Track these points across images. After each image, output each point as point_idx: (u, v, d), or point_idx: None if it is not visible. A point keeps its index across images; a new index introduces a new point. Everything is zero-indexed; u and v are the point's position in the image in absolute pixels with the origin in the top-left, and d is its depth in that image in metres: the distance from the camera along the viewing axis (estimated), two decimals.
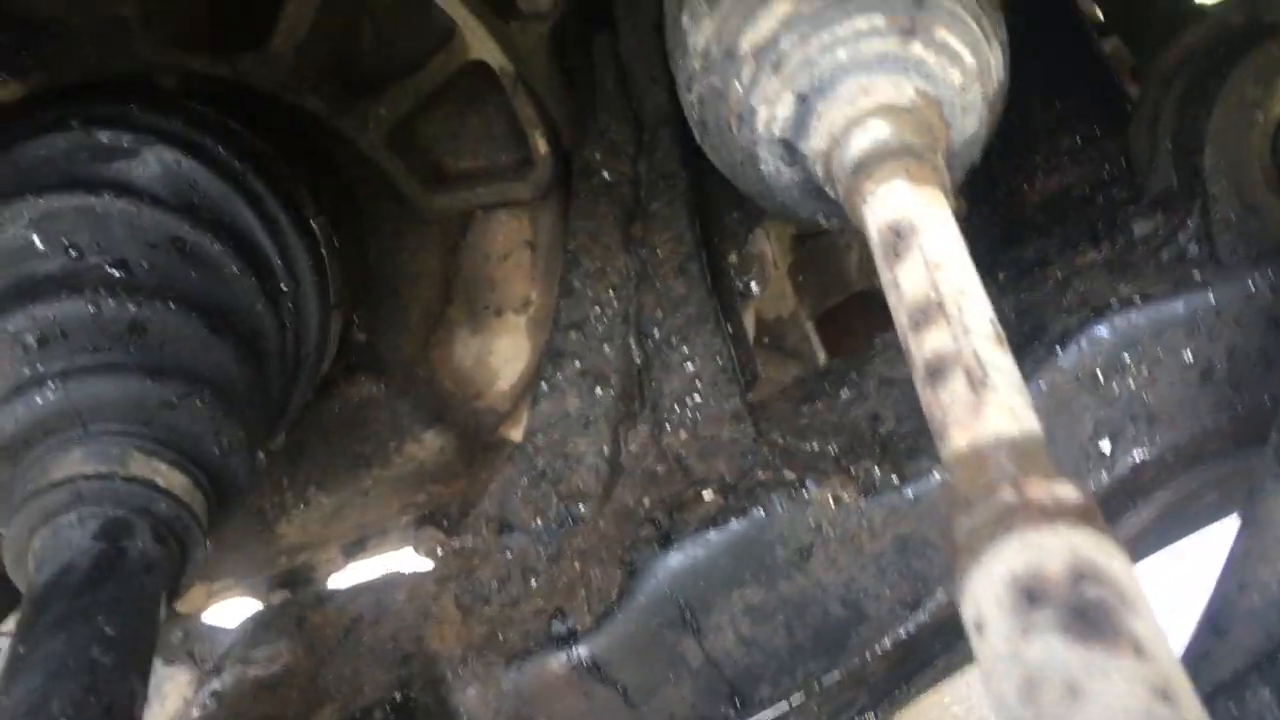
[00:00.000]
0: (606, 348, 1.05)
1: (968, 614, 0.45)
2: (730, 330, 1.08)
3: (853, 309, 1.92)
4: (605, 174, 1.15)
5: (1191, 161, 0.90)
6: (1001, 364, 0.52)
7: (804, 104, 0.68)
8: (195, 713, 0.92)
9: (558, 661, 0.89)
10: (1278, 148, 0.85)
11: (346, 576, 1.42)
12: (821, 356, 1.71)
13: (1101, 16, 1.24)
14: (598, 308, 1.07)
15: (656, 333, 1.05)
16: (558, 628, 0.90)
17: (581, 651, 0.89)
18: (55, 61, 0.95)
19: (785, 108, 0.68)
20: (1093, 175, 1.08)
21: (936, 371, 0.53)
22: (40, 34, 0.94)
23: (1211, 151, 0.86)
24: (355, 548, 1.38)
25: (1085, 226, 1.00)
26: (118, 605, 0.71)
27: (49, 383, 0.78)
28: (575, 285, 1.09)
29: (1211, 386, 0.89)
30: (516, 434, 1.33)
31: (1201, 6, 1.05)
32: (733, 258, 1.34)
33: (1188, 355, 0.89)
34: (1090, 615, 0.41)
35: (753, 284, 1.46)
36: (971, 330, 0.53)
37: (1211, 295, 0.88)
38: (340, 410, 1.22)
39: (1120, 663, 0.39)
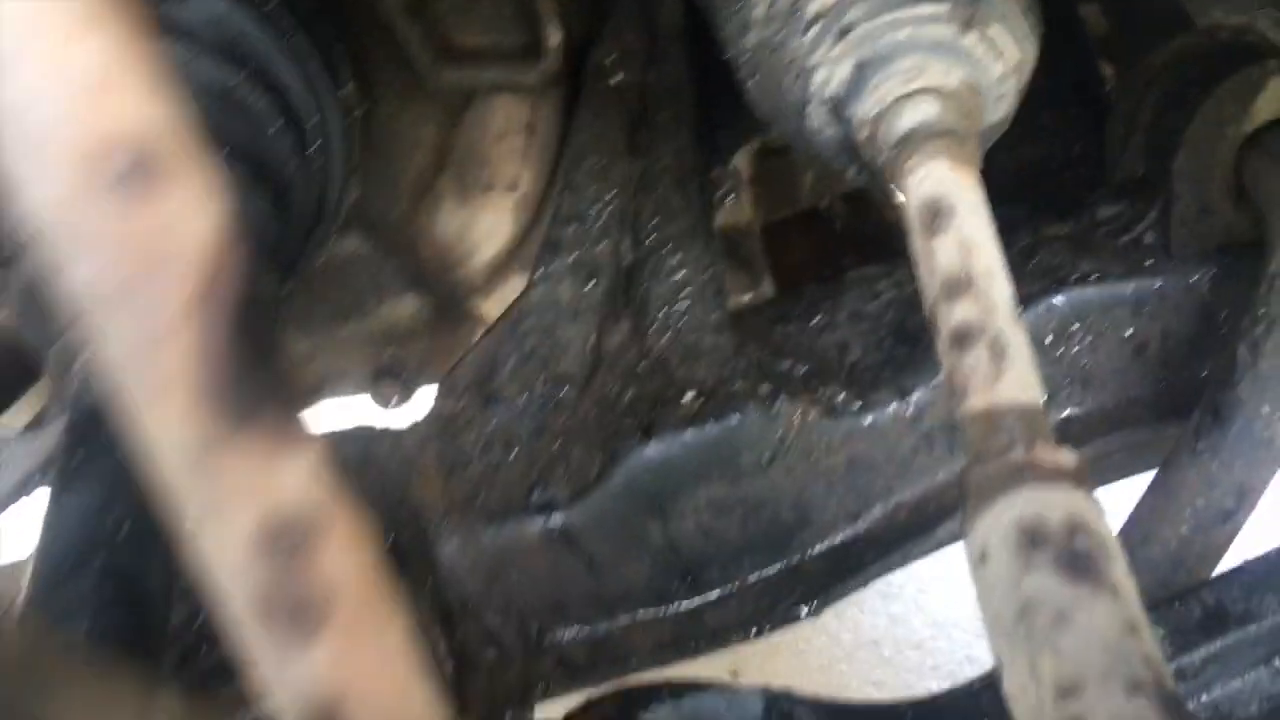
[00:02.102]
0: (602, 244, 1.12)
1: (973, 546, 0.55)
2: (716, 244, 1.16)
3: (796, 224, 2.01)
4: (616, 77, 1.20)
5: (1162, 160, 0.99)
6: (1019, 341, 0.61)
7: (861, 72, 0.75)
8: None
9: (534, 526, 0.98)
10: (1240, 162, 0.95)
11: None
12: (766, 268, 1.80)
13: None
14: (597, 205, 1.14)
15: (650, 239, 1.12)
16: (537, 497, 0.99)
17: (556, 520, 0.98)
18: None
19: (843, 71, 0.75)
20: (1065, 151, 1.17)
21: (963, 339, 0.62)
22: None
23: (1183, 156, 0.96)
24: (313, 391, 1.44)
25: (1054, 200, 1.10)
26: None
27: None
28: (578, 180, 1.15)
29: (1143, 362, 1.01)
30: (486, 307, 1.40)
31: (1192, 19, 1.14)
32: (714, 172, 1.42)
33: (1128, 331, 1.00)
34: (1080, 561, 0.51)
35: (727, 199, 1.54)
36: (997, 308, 0.62)
37: (1159, 282, 0.99)
38: (327, 262, 1.26)
39: (1101, 600, 0.50)
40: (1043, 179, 1.15)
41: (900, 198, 0.72)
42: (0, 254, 0.86)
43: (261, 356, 0.26)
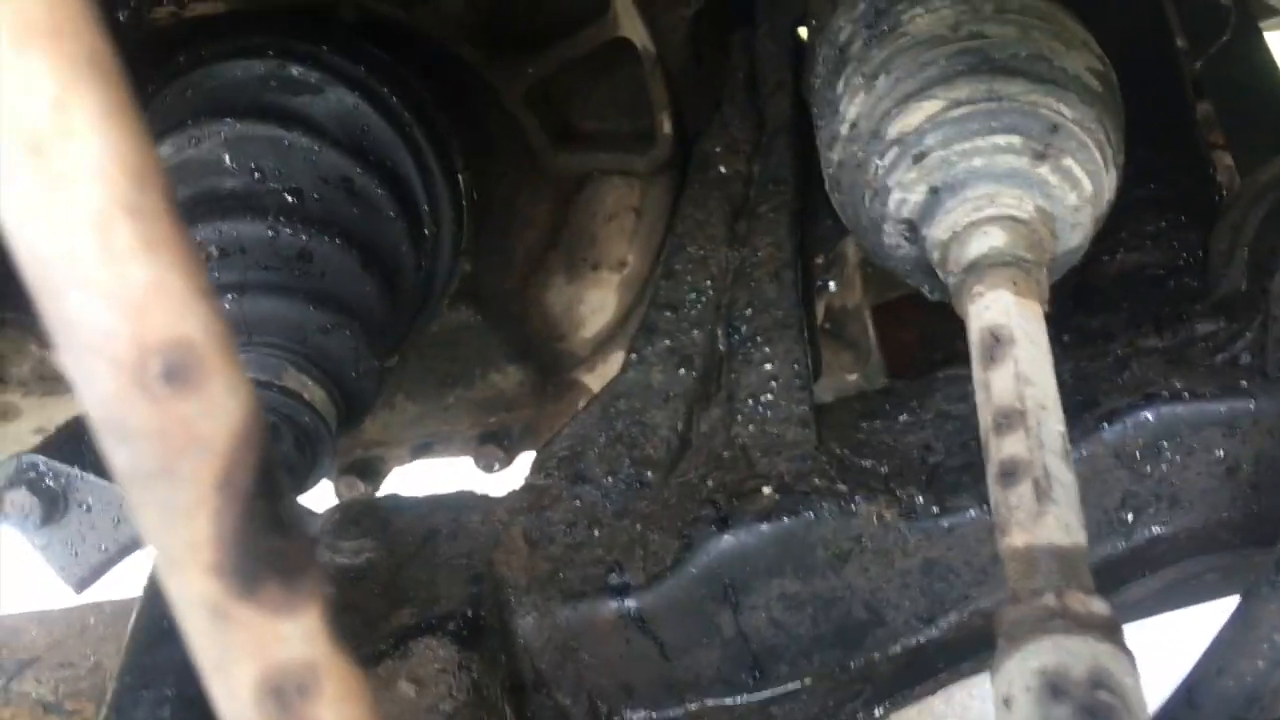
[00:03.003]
0: (696, 332, 1.15)
1: (999, 688, 0.56)
2: (808, 330, 1.18)
3: (906, 305, 2.01)
4: (721, 168, 1.24)
5: (1263, 278, 0.98)
6: (1066, 480, 0.62)
7: (935, 196, 0.77)
8: None
9: (608, 608, 1.01)
10: None
11: (408, 472, 1.54)
12: (875, 348, 1.81)
13: (1215, 114, 1.30)
14: (694, 293, 1.17)
15: (744, 328, 1.15)
16: (614, 579, 1.02)
17: (631, 604, 1.01)
18: None
19: (918, 195, 0.77)
20: (1169, 260, 1.16)
21: (1010, 474, 0.63)
22: None
23: None
24: (423, 449, 1.51)
25: (1152, 310, 1.08)
26: None
27: (227, 294, 0.89)
28: (677, 268, 1.19)
29: (1234, 484, 0.99)
30: (589, 379, 1.44)
31: None
32: (820, 259, 1.44)
33: (1220, 452, 0.98)
34: (1100, 716, 0.52)
35: (831, 282, 1.56)
36: (1046, 445, 0.63)
37: (1253, 404, 0.97)
38: (438, 332, 1.33)
39: None
40: (1144, 287, 1.14)
41: (969, 324, 0.73)
42: None
43: (272, 531, 0.30)
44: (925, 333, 1.96)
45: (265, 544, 0.30)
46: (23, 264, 0.28)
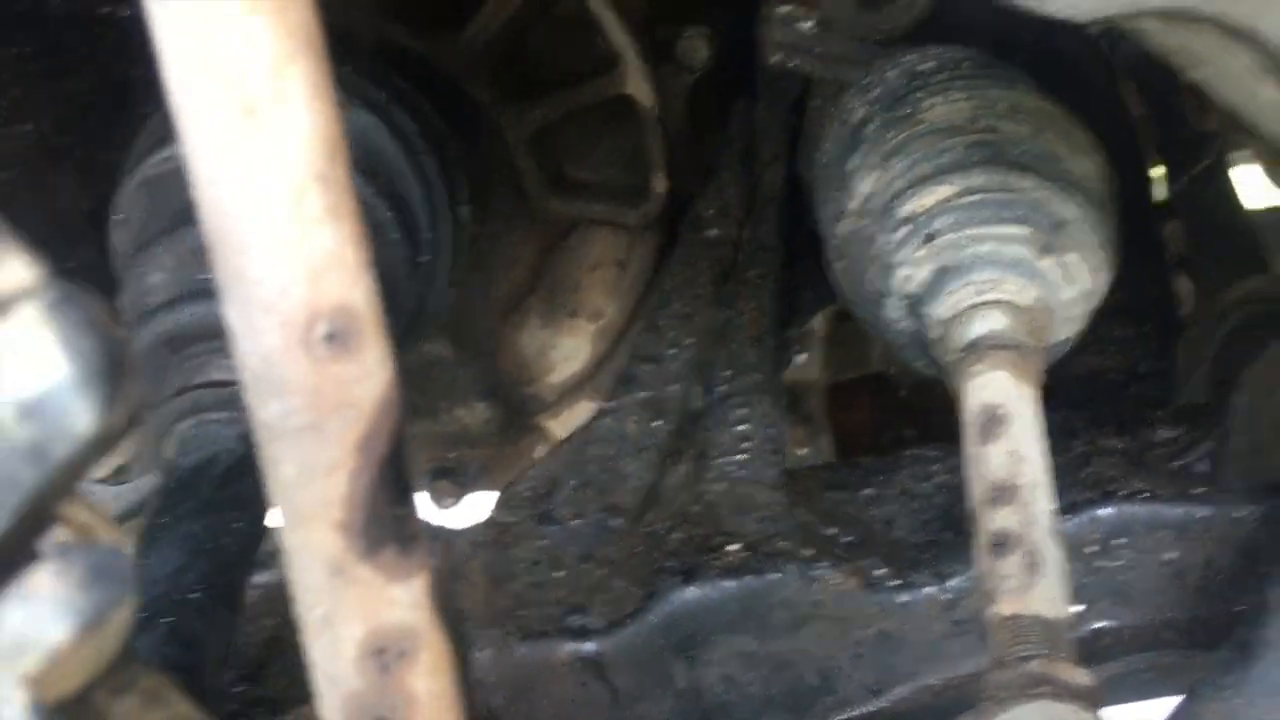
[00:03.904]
0: (674, 387, 1.17)
1: None
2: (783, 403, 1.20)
3: (861, 387, 2.05)
4: (713, 231, 1.27)
5: (1223, 393, 1.03)
6: (1054, 555, 0.65)
7: (940, 276, 0.80)
8: None
9: (566, 650, 1.01)
10: None
11: None
12: (826, 427, 1.84)
13: (1181, 233, 1.37)
14: (674, 349, 1.19)
15: (721, 388, 1.17)
16: (574, 621, 1.03)
17: (589, 647, 1.01)
18: None
19: (924, 273, 0.81)
20: (1130, 366, 1.21)
21: (1000, 545, 0.65)
22: None
23: (1241, 395, 0.99)
24: None
25: (1113, 413, 1.13)
26: (248, 503, 0.82)
27: None
28: (661, 323, 1.21)
29: (1181, 587, 1.03)
30: (552, 425, 1.45)
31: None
32: (792, 330, 1.47)
33: (1170, 555, 1.03)
34: None
35: (799, 356, 1.59)
36: (1037, 521, 0.66)
37: (1205, 511, 1.02)
38: (411, 361, 1.33)
39: None
40: (1106, 391, 1.18)
41: (966, 402, 0.76)
42: (125, 320, 0.93)
43: (397, 498, 0.31)
44: (875, 416, 2.00)
45: (391, 509, 0.31)
46: (209, 216, 0.29)
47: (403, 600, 0.32)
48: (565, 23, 1.28)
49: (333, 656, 0.32)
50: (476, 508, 1.38)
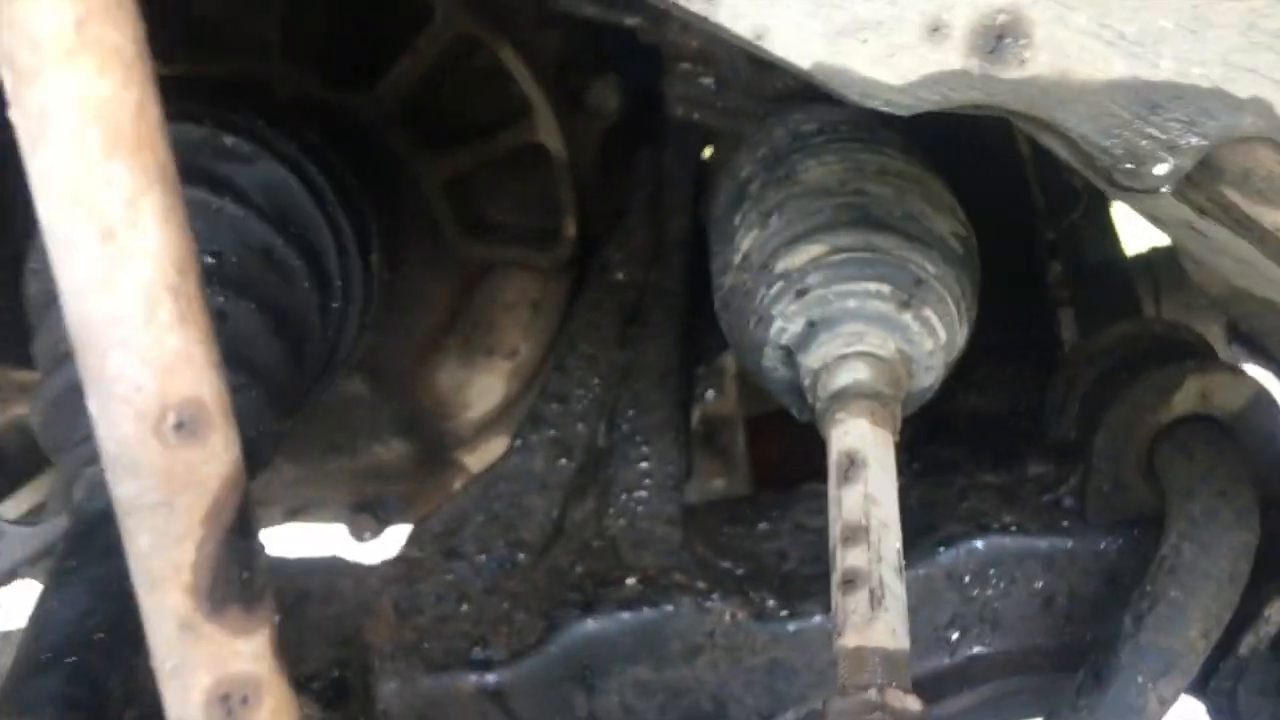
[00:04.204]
0: (580, 425, 1.22)
1: None
2: (684, 435, 1.26)
3: (775, 421, 2.12)
4: (619, 275, 1.33)
5: (1088, 432, 1.10)
6: (898, 591, 0.71)
7: (811, 329, 0.86)
8: None
9: (469, 681, 1.06)
10: (1154, 447, 1.05)
11: (279, 534, 1.56)
12: (744, 458, 1.90)
13: (1063, 274, 1.45)
14: (582, 389, 1.24)
15: (625, 427, 1.22)
16: (477, 654, 1.07)
17: (491, 678, 1.06)
18: (199, 59, 1.10)
19: (796, 326, 0.87)
20: (1012, 404, 1.28)
21: (850, 582, 0.71)
22: (196, 32, 1.09)
23: (1103, 434, 1.06)
24: (295, 512, 1.53)
25: (992, 448, 1.20)
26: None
27: None
28: (568, 363, 1.26)
29: (1049, 614, 1.10)
30: (469, 459, 1.49)
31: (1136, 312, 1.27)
32: (700, 369, 1.53)
33: (1038, 584, 1.09)
34: None
35: (709, 392, 1.65)
36: (884, 559, 0.72)
37: (1071, 543, 1.09)
38: (329, 399, 1.37)
39: None
40: (988, 426, 1.25)
41: (829, 447, 0.82)
42: (38, 366, 0.96)
43: (243, 562, 0.36)
44: (791, 449, 2.06)
45: (235, 573, 0.36)
46: (74, 325, 0.34)
47: (245, 652, 0.37)
48: (478, 74, 1.34)
49: (182, 703, 0.37)
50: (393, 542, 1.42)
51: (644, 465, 1.19)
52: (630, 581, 1.10)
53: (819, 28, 0.56)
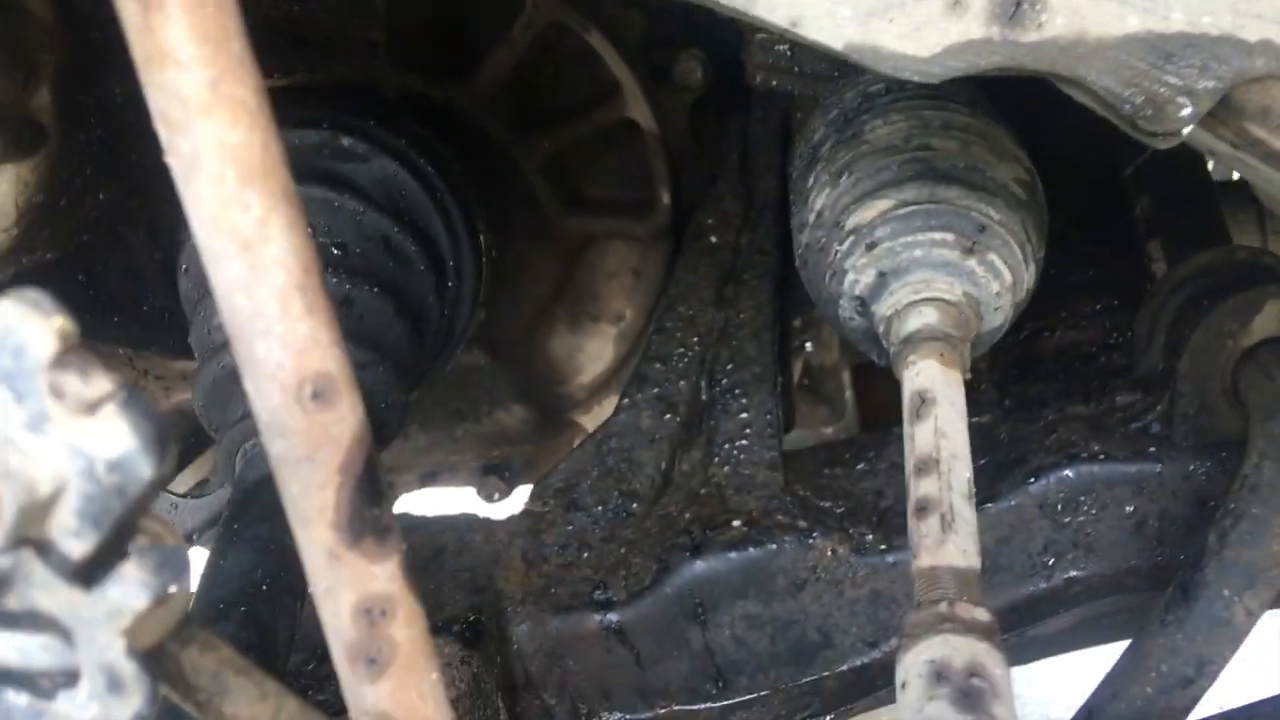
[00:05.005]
0: (682, 383, 1.30)
1: (899, 675, 0.71)
2: (782, 385, 1.33)
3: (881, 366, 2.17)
4: (713, 238, 1.40)
5: (1173, 360, 1.13)
6: (967, 515, 0.77)
7: (882, 279, 0.92)
8: None
9: (593, 621, 1.15)
10: (1237, 370, 1.08)
11: (417, 498, 1.69)
12: (850, 404, 1.96)
13: (1150, 206, 1.47)
14: (682, 349, 1.32)
15: (724, 381, 1.30)
16: (599, 595, 1.17)
17: (613, 617, 1.15)
18: (314, 68, 1.20)
19: (868, 277, 0.93)
20: (1101, 338, 1.31)
21: (923, 509, 0.78)
22: (308, 43, 1.20)
23: (1187, 360, 1.10)
24: (429, 477, 1.65)
25: (1082, 382, 1.24)
26: None
27: None
28: (667, 325, 1.34)
29: (1141, 536, 1.14)
30: (584, 420, 1.59)
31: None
32: (797, 321, 1.60)
33: (1129, 508, 1.13)
34: (971, 697, 0.66)
35: (809, 343, 1.71)
36: (954, 488, 0.78)
37: (1159, 468, 1.12)
38: (452, 371, 1.48)
39: None
40: (1078, 362, 1.29)
41: (903, 386, 0.88)
42: (196, 355, 1.08)
43: (373, 503, 0.45)
44: (897, 393, 2.10)
45: (368, 511, 0.45)
46: (228, 320, 0.44)
47: (380, 575, 0.46)
48: (568, 58, 1.42)
49: (335, 616, 0.46)
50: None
51: (744, 416, 1.27)
52: (736, 524, 1.18)
53: (848, 12, 0.62)
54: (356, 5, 1.18)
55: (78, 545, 0.35)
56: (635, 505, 1.23)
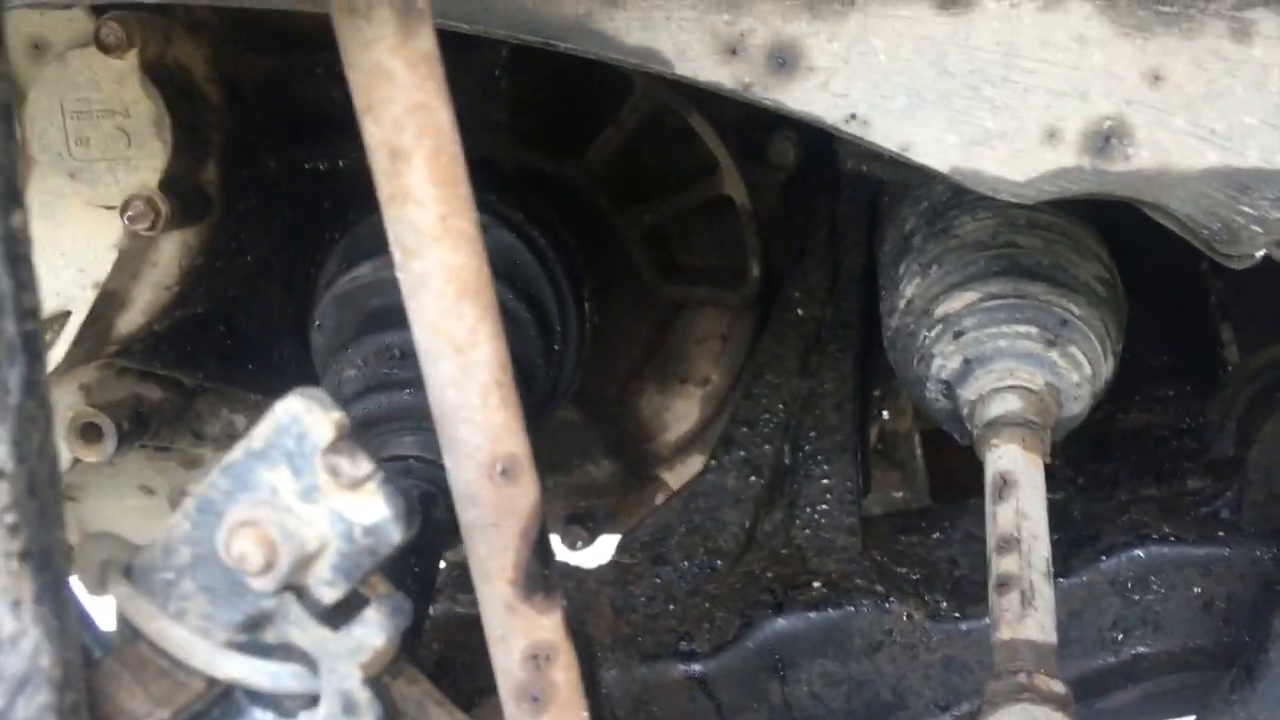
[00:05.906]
0: (767, 447, 1.37)
1: None
2: (861, 452, 1.40)
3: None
4: (799, 310, 1.47)
5: (1244, 449, 1.19)
6: (1046, 593, 0.83)
7: (968, 365, 0.99)
8: None
9: (678, 670, 1.23)
10: None
11: None
12: (921, 469, 2.02)
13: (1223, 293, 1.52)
14: (767, 414, 1.39)
15: (807, 447, 1.37)
16: (684, 646, 1.24)
17: (696, 668, 1.22)
18: None
19: (954, 363, 1.00)
20: (1174, 422, 1.36)
21: (1004, 585, 0.84)
22: None
23: (1259, 449, 1.15)
24: None
25: (1154, 464, 1.29)
26: (422, 553, 1.06)
27: (407, 388, 1.13)
28: (755, 392, 1.41)
29: (1208, 616, 1.18)
30: (668, 477, 1.66)
31: None
32: (876, 391, 1.66)
33: (1197, 589, 1.18)
34: None
35: (885, 411, 1.78)
36: (1034, 566, 0.84)
37: (1228, 552, 1.18)
38: (547, 425, 1.56)
39: None
40: (1150, 444, 1.34)
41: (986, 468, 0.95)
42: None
43: (544, 564, 0.54)
44: (967, 460, 2.15)
45: (540, 570, 0.53)
46: (436, 408, 0.52)
47: (547, 625, 0.54)
48: (671, 135, 1.51)
49: (506, 659, 0.54)
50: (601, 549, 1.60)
51: (825, 482, 1.34)
52: (816, 585, 1.24)
53: (955, 139, 0.70)
54: (486, 89, 1.28)
55: (330, 592, 0.44)
56: (719, 562, 1.30)
